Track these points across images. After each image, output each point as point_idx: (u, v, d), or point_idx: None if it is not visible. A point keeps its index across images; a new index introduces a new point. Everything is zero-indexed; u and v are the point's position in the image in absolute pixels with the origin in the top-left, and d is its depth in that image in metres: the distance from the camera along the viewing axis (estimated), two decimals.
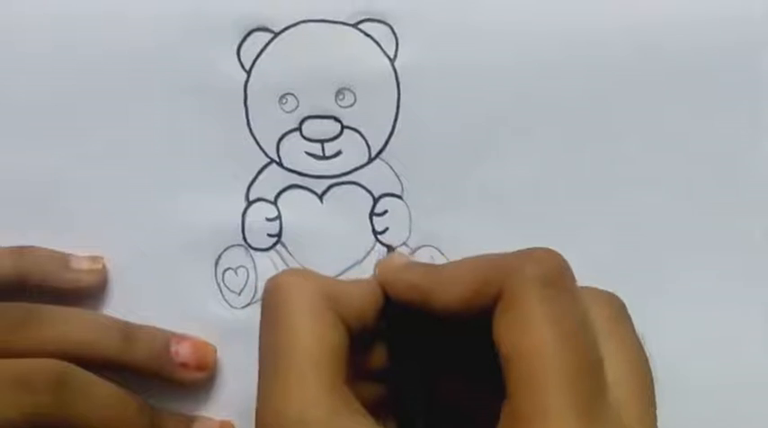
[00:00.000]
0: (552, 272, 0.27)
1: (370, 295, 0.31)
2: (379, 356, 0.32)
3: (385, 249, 0.36)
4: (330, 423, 0.27)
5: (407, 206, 0.36)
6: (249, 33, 0.36)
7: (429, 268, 0.31)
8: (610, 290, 0.30)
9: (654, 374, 0.29)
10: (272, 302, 0.29)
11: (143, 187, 0.36)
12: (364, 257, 0.36)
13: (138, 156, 0.36)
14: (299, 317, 0.28)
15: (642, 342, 0.29)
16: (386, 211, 0.36)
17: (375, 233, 0.36)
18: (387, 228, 0.36)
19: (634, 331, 0.29)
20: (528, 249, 0.28)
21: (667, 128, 0.36)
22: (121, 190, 0.36)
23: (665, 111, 0.36)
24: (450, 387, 0.32)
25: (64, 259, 0.36)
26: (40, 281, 0.35)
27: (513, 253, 0.28)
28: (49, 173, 0.36)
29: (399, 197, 0.36)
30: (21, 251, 0.35)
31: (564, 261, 0.28)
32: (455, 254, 0.36)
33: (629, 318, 0.29)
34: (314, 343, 0.28)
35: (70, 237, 0.36)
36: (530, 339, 0.26)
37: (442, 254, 0.36)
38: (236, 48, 0.36)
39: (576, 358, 0.26)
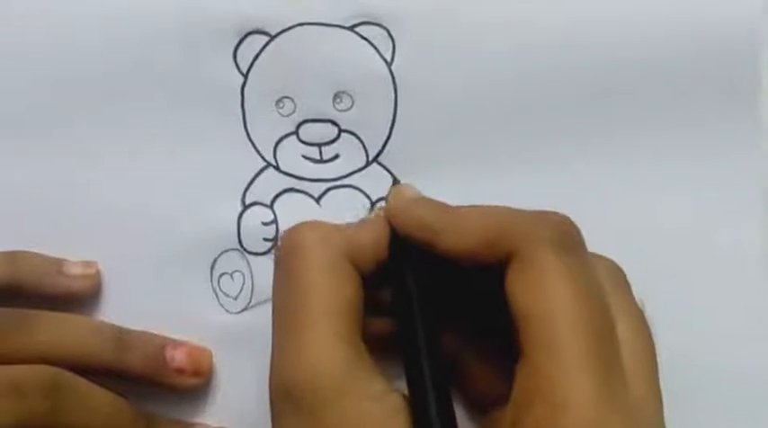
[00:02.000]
0: (567, 237, 0.28)
1: (382, 237, 0.30)
2: (384, 290, 0.31)
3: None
4: (344, 381, 0.27)
5: None
6: (245, 36, 0.36)
7: (442, 208, 0.30)
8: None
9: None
10: (288, 258, 0.29)
11: (137, 191, 0.36)
12: None
13: (134, 160, 0.36)
14: (316, 274, 0.29)
15: (643, 308, 0.30)
16: None
17: None
18: None
19: (634, 298, 0.30)
20: (542, 212, 0.28)
21: (666, 127, 0.36)
22: (116, 194, 0.36)
23: (665, 111, 0.36)
24: (454, 336, 0.32)
25: (57, 264, 0.35)
26: (33, 287, 0.35)
27: (527, 212, 0.29)
28: (42, 178, 0.36)
29: None
30: (13, 256, 0.35)
31: (576, 227, 0.28)
32: None
33: (629, 285, 0.30)
34: (331, 300, 0.28)
35: (64, 243, 0.36)
36: (548, 300, 0.26)
37: None
38: (232, 51, 0.36)
39: (594, 319, 0.26)
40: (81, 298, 0.35)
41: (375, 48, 0.36)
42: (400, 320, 0.30)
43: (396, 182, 0.35)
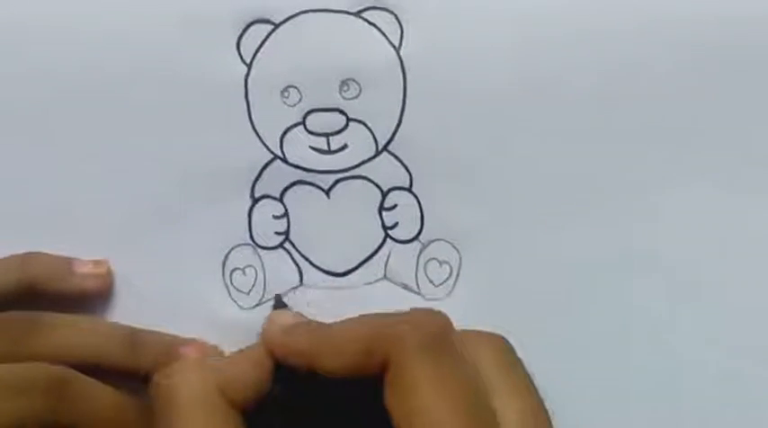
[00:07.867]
0: (433, 337, 0.28)
1: (260, 368, 0.31)
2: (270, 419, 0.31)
3: (388, 251, 0.36)
4: None
5: (417, 199, 0.36)
6: (249, 25, 0.35)
7: (314, 331, 0.31)
8: (497, 333, 0.30)
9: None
10: (164, 405, 0.30)
11: (144, 188, 0.36)
12: (374, 253, 0.36)
13: (138, 156, 0.36)
14: (192, 423, 0.29)
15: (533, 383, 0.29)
16: (395, 205, 0.36)
17: (385, 228, 0.36)
18: (396, 223, 0.36)
19: (525, 374, 0.29)
20: (408, 312, 0.29)
21: (680, 123, 0.35)
22: (123, 191, 0.36)
23: (685, 107, 0.35)
24: None
25: (68, 263, 0.35)
26: (45, 287, 0.35)
27: (394, 317, 0.29)
28: (50, 177, 0.36)
29: (409, 190, 0.36)
30: (25, 257, 0.35)
31: (445, 320, 0.29)
32: (469, 247, 0.36)
33: (519, 361, 0.30)
34: None
35: (74, 242, 0.35)
36: (418, 407, 0.27)
37: (455, 247, 0.36)
38: (235, 40, 0.35)
39: (466, 419, 0.27)
40: (93, 297, 0.35)
41: (383, 33, 0.35)
42: None
43: (278, 300, 0.35)
